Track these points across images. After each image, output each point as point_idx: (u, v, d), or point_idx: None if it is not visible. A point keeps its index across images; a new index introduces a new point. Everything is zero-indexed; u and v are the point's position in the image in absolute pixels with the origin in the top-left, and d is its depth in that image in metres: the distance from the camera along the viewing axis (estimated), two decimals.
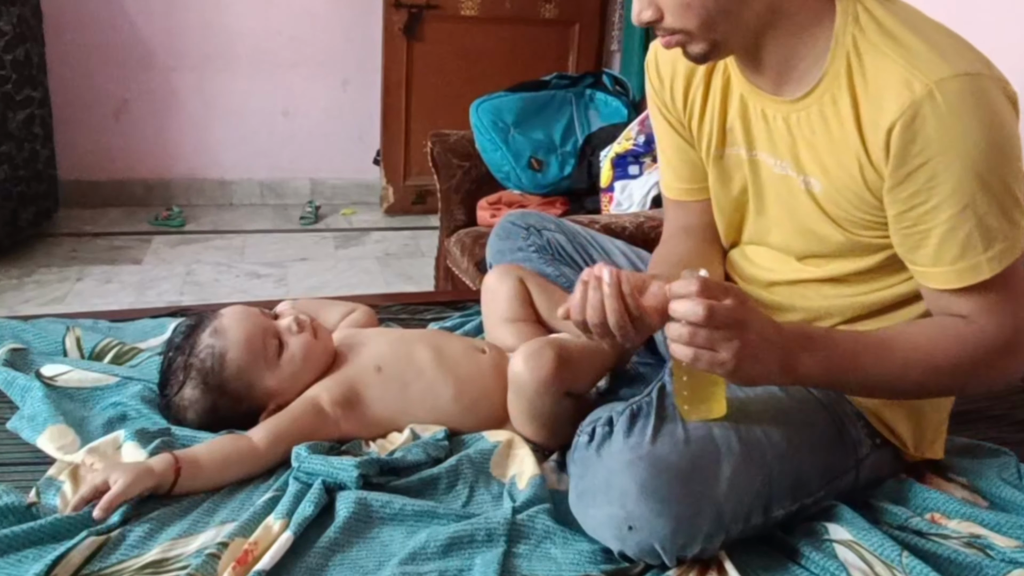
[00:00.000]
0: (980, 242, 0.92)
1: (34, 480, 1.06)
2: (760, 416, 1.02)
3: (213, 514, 1.02)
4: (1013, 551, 0.97)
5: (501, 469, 1.11)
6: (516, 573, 0.94)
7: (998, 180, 0.90)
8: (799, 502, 1.02)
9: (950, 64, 0.89)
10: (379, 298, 1.68)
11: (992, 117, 0.88)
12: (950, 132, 0.88)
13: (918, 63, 0.89)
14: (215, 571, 0.90)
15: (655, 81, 1.16)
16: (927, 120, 0.88)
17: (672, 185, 1.22)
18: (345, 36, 3.66)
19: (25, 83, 2.93)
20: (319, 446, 1.09)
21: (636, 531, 0.92)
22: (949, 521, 1.05)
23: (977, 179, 0.89)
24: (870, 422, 1.09)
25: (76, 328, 1.40)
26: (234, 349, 1.15)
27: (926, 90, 0.88)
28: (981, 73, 0.90)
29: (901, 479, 1.13)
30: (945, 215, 0.91)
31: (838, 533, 1.00)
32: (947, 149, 0.89)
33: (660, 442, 0.96)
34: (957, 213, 0.91)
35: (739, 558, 0.98)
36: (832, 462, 1.05)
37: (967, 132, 0.88)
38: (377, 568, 0.94)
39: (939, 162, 0.89)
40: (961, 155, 0.88)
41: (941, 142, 0.88)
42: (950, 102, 0.88)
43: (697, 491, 0.94)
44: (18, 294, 2.76)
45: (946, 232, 0.92)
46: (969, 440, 1.25)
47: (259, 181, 3.79)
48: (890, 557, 0.95)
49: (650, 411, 0.99)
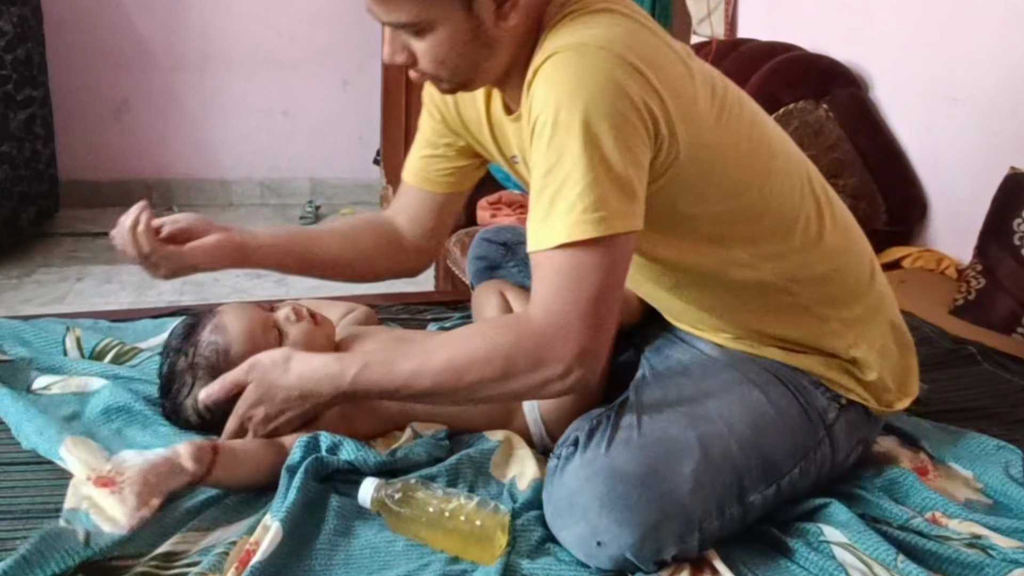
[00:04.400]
0: (561, 203, 0.92)
1: (35, 480, 1.06)
2: (718, 406, 1.03)
3: (224, 512, 1.01)
4: (1015, 551, 0.97)
5: (501, 469, 1.11)
6: (517, 574, 0.94)
7: (590, 144, 0.90)
8: (774, 484, 1.02)
9: (563, 40, 0.94)
10: (379, 298, 1.68)
11: (589, 79, 0.91)
12: (549, 91, 0.92)
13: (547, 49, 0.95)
14: (222, 570, 0.90)
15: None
16: (537, 84, 0.95)
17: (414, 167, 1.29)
18: (345, 36, 3.66)
19: (26, 83, 2.93)
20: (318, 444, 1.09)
21: (605, 546, 0.93)
22: (950, 521, 1.05)
23: (573, 138, 0.91)
24: (830, 387, 1.09)
25: (76, 328, 1.40)
26: (237, 343, 1.15)
27: (541, 61, 0.94)
28: (587, 43, 0.92)
29: (903, 474, 1.13)
30: (539, 171, 0.94)
31: (834, 535, 0.99)
32: (545, 106, 0.92)
33: (615, 452, 0.97)
34: (547, 170, 0.93)
35: (735, 558, 0.98)
36: (800, 438, 1.05)
37: (561, 92, 0.91)
38: (380, 568, 0.94)
39: (542, 118, 0.93)
40: (555, 110, 0.91)
41: (542, 100, 0.93)
42: (553, 65, 0.93)
43: (658, 496, 0.94)
44: (18, 294, 2.76)
45: (538, 190, 0.94)
46: (976, 433, 1.25)
47: (259, 181, 3.79)
48: (886, 560, 0.95)
49: (608, 423, 1.01)
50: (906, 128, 2.21)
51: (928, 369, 1.46)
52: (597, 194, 0.91)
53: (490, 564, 0.94)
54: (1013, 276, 1.72)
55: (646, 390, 1.09)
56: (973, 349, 1.56)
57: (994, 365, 1.52)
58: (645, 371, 1.15)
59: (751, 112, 1.08)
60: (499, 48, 1.00)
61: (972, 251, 1.83)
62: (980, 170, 1.95)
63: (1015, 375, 1.49)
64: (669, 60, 0.98)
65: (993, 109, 1.95)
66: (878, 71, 2.30)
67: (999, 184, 1.81)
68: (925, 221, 2.18)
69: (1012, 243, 1.73)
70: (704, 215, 1.04)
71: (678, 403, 1.04)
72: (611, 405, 1.07)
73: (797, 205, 1.08)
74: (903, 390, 1.15)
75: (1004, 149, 1.88)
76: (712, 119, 1.00)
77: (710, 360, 1.13)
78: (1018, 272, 1.71)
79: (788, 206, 1.07)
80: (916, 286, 1.91)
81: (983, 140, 1.98)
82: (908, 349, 1.16)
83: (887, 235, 2.14)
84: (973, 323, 1.74)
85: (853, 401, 1.10)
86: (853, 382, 1.10)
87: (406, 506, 0.97)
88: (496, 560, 0.94)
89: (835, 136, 2.18)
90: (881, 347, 1.12)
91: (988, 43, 1.96)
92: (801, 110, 2.22)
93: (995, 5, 1.94)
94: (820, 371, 1.09)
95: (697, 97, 0.99)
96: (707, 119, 1.00)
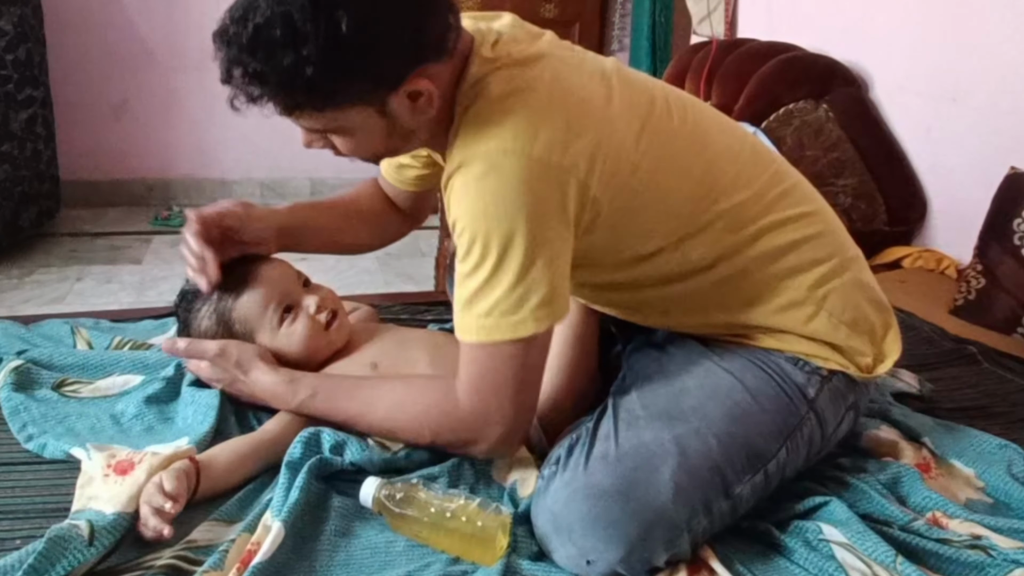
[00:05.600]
0: (480, 303, 0.97)
1: (35, 480, 1.06)
2: (694, 400, 1.03)
3: (222, 511, 1.01)
4: (1015, 552, 0.97)
5: (503, 472, 1.11)
6: (518, 575, 0.94)
7: (506, 257, 0.94)
8: (760, 470, 1.02)
9: (471, 148, 0.95)
10: (379, 298, 1.69)
11: (499, 194, 0.94)
12: (462, 207, 0.96)
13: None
14: (223, 569, 0.90)
15: None
16: (451, 194, 0.98)
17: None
18: None
19: (27, 83, 2.92)
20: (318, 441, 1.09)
21: (595, 564, 0.93)
22: (951, 521, 1.05)
23: (488, 254, 0.95)
24: (808, 360, 1.08)
25: (82, 329, 1.40)
26: (247, 295, 1.18)
27: (454, 168, 0.97)
28: (492, 152, 0.94)
29: (906, 471, 1.13)
30: (460, 269, 0.98)
31: (833, 534, 0.99)
32: (459, 219, 0.96)
33: (591, 469, 0.97)
34: (467, 273, 0.97)
35: (733, 558, 0.98)
36: (780, 419, 1.05)
37: (474, 210, 0.95)
38: (380, 568, 0.94)
39: (459, 227, 0.97)
40: (471, 228, 0.95)
41: (456, 211, 0.97)
42: (463, 180, 0.95)
43: (640, 507, 0.94)
44: (18, 294, 2.76)
45: (459, 280, 0.99)
46: (978, 432, 1.25)
47: (259, 181, 3.79)
48: (886, 560, 0.95)
49: (586, 437, 1.01)
50: (906, 128, 2.21)
51: (928, 369, 1.47)
52: (512, 301, 0.95)
53: (491, 565, 0.94)
54: (1013, 276, 1.72)
55: (623, 395, 1.08)
56: (973, 349, 1.56)
57: (994, 365, 1.52)
58: (625, 371, 1.15)
59: (682, 111, 1.08)
60: (417, 134, 1.03)
61: (972, 251, 1.83)
62: (980, 170, 1.95)
63: (1015, 375, 1.49)
64: (585, 94, 1.00)
65: (993, 109, 1.95)
66: (878, 71, 2.30)
67: (999, 184, 1.81)
68: (925, 221, 2.19)
69: (1012, 243, 1.73)
70: (647, 243, 1.06)
71: (654, 403, 1.04)
72: (591, 415, 1.07)
73: (751, 180, 1.08)
74: (883, 352, 1.13)
75: (1004, 149, 1.88)
76: (631, 141, 1.01)
77: (684, 351, 1.12)
78: (1018, 272, 1.71)
79: (741, 187, 1.07)
80: (916, 286, 1.91)
81: (983, 140, 1.98)
82: (885, 310, 1.14)
83: (887, 235, 2.15)
84: (973, 323, 1.74)
85: (835, 370, 1.09)
86: (828, 350, 1.08)
87: (408, 506, 0.98)
88: (497, 561, 0.94)
89: (835, 136, 2.18)
90: (855, 313, 1.10)
91: (988, 43, 1.96)
92: (801, 110, 2.22)
93: (995, 5, 1.94)
94: (793, 347, 1.08)
95: (615, 126, 1.00)
96: (627, 146, 1.01)
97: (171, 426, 1.16)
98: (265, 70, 0.90)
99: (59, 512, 0.99)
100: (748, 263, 1.07)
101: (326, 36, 0.87)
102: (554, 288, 0.97)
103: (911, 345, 1.18)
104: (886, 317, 1.15)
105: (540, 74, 0.99)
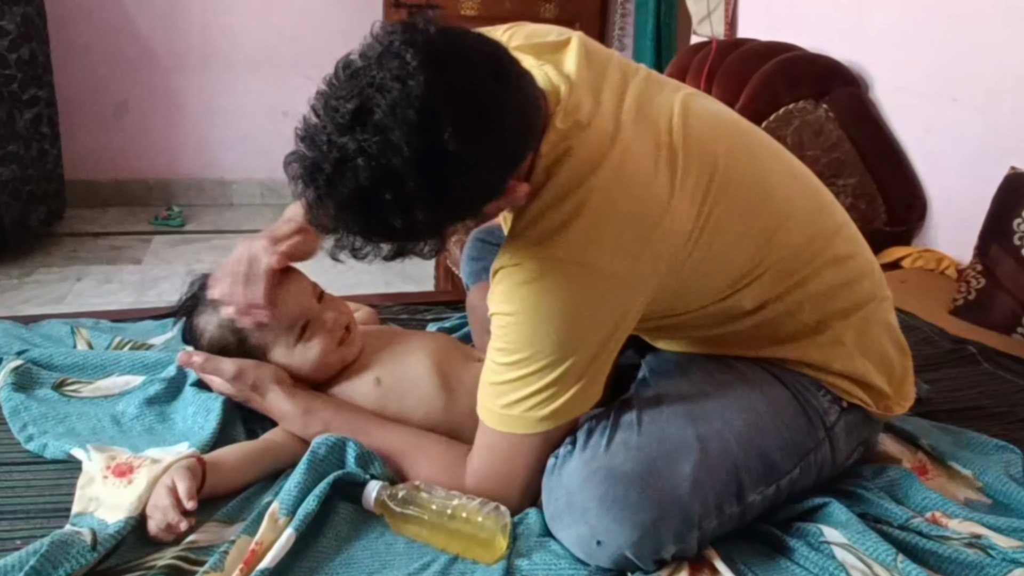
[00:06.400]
0: (510, 394, 0.98)
1: (34, 480, 1.06)
2: (717, 405, 1.03)
3: (223, 512, 1.01)
4: (1014, 551, 0.97)
5: None
6: (517, 574, 0.94)
7: (554, 363, 0.95)
8: (773, 484, 1.02)
9: (535, 250, 0.95)
10: (379, 298, 1.69)
11: (561, 302, 0.94)
12: (513, 305, 0.96)
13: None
14: (223, 569, 0.90)
15: None
16: (497, 286, 0.98)
17: None
18: (345, 36, 3.64)
19: (31, 82, 2.92)
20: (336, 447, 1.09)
21: (604, 545, 0.94)
22: (950, 521, 1.05)
23: (537, 357, 0.95)
24: (831, 389, 1.09)
25: (82, 329, 1.40)
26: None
27: (510, 263, 0.96)
28: (552, 258, 0.94)
29: (903, 474, 1.13)
30: (495, 348, 0.98)
31: (834, 535, 0.99)
32: (508, 312, 0.96)
33: (614, 452, 0.97)
34: (505, 362, 0.97)
35: (735, 557, 0.98)
36: (799, 439, 1.05)
37: (526, 297, 0.95)
38: (381, 568, 0.95)
39: (503, 320, 0.97)
40: (522, 322, 0.95)
41: (501, 305, 0.97)
42: (513, 281, 0.96)
43: (658, 495, 0.94)
44: (18, 294, 2.76)
45: (491, 356, 0.99)
46: (975, 433, 1.25)
47: (259, 181, 3.79)
48: (885, 561, 0.95)
49: (607, 423, 1.02)
50: (906, 128, 2.21)
51: (928, 369, 1.47)
52: (543, 398, 0.97)
53: (491, 564, 0.94)
54: (1013, 276, 1.72)
55: (646, 389, 1.09)
56: (973, 349, 1.56)
57: (994, 365, 1.53)
58: (645, 372, 1.15)
59: (747, 160, 1.05)
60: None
61: (972, 251, 1.83)
62: (980, 170, 1.95)
63: (1015, 375, 1.49)
64: (648, 194, 0.96)
65: (993, 109, 1.95)
66: (878, 71, 2.30)
67: (999, 184, 1.81)
68: (925, 221, 2.18)
69: (1012, 243, 1.73)
70: (696, 302, 1.05)
71: (678, 401, 1.05)
72: (612, 403, 1.07)
73: (804, 225, 1.07)
74: (901, 394, 1.15)
75: (1004, 149, 1.88)
76: (690, 225, 0.98)
77: (709, 361, 1.13)
78: (1018, 272, 1.71)
79: (795, 233, 1.06)
80: (916, 286, 1.91)
81: (983, 140, 1.98)
82: (905, 353, 1.16)
83: (887, 235, 2.15)
84: (973, 323, 1.74)
85: (854, 404, 1.10)
86: (853, 385, 1.10)
87: (409, 507, 0.98)
88: (497, 561, 0.94)
89: (835, 136, 2.18)
90: (879, 354, 1.11)
91: (988, 43, 1.96)
92: (801, 110, 2.22)
93: (995, 5, 1.94)
94: (819, 374, 1.09)
95: (676, 216, 0.97)
96: (685, 231, 0.98)
97: (171, 427, 1.17)
98: (372, 227, 0.87)
99: (59, 512, 0.99)
100: (794, 306, 1.07)
101: (435, 195, 0.82)
102: (587, 396, 0.99)
103: (911, 345, 1.18)
104: (905, 360, 1.16)
105: (606, 174, 0.94)
